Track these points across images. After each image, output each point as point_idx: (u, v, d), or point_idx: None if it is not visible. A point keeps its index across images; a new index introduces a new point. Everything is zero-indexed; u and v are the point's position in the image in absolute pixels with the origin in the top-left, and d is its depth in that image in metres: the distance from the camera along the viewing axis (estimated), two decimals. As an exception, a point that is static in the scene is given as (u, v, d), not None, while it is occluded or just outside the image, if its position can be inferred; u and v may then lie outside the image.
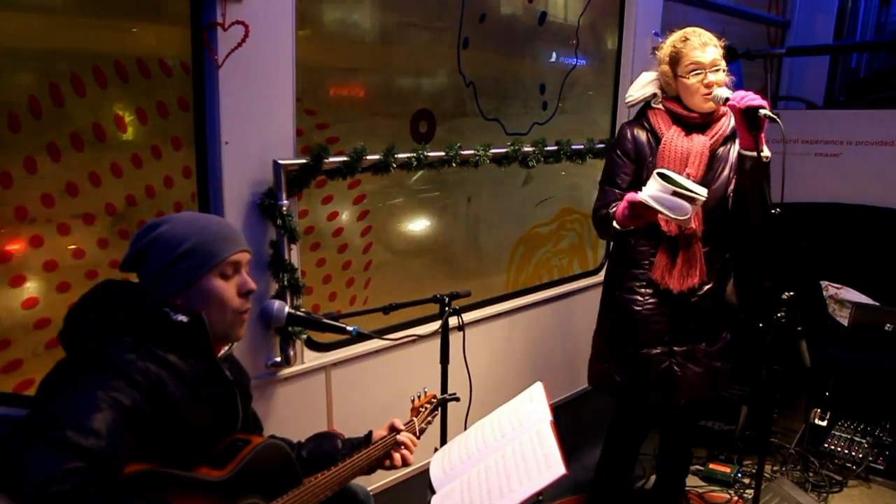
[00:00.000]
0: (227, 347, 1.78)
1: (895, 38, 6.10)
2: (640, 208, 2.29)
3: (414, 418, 2.19)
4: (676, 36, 2.51)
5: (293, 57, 2.22)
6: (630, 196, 2.32)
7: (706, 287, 2.58)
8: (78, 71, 1.92)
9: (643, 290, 2.60)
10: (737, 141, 2.53)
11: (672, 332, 2.61)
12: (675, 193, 2.19)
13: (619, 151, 2.60)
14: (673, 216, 2.22)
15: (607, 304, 2.77)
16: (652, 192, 2.23)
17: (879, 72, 5.17)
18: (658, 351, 2.61)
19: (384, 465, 2.04)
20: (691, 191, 2.21)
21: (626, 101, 2.68)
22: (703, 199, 2.24)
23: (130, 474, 1.38)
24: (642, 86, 2.63)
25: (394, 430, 2.07)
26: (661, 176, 2.22)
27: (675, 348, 2.62)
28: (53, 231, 1.96)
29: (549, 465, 1.62)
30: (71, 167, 1.96)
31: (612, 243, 2.82)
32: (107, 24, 2.03)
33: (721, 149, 2.54)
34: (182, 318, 1.58)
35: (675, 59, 2.48)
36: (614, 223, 2.44)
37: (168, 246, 1.59)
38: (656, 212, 2.24)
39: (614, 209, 2.45)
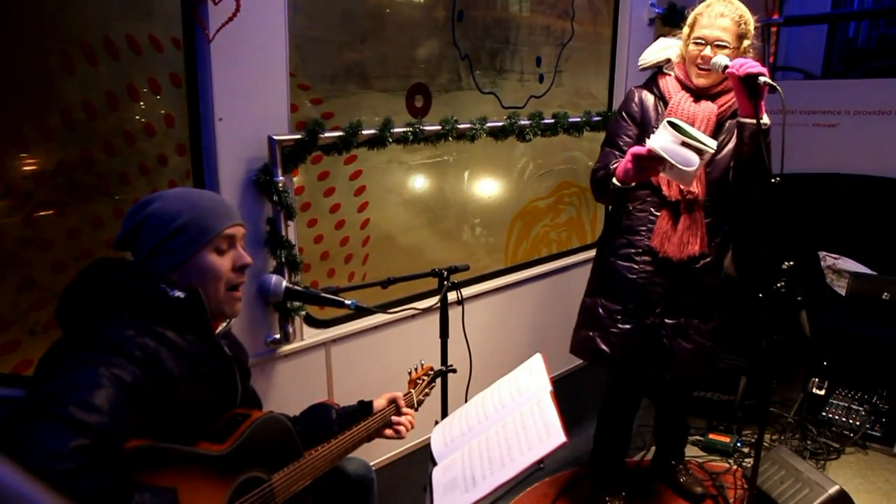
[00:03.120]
0: (224, 324, 1.78)
1: (893, 5, 6.05)
2: (644, 160, 2.20)
3: (412, 390, 2.20)
4: (704, 2, 2.48)
5: (286, 31, 2.20)
6: (635, 149, 2.24)
7: (704, 261, 2.55)
8: (67, 48, 1.89)
9: (639, 258, 2.56)
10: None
11: (665, 304, 2.57)
12: (683, 143, 2.11)
13: (624, 113, 2.58)
14: (680, 167, 2.12)
15: (600, 270, 2.72)
16: (661, 140, 2.13)
17: (878, 40, 5.13)
18: (648, 322, 2.57)
19: (384, 435, 2.06)
20: (701, 141, 2.12)
21: (639, 64, 2.66)
22: (712, 151, 2.15)
23: (131, 449, 1.38)
24: (657, 50, 2.62)
25: (393, 402, 2.09)
26: (671, 125, 2.12)
27: (667, 321, 2.58)
28: (47, 211, 1.94)
29: (550, 434, 1.63)
30: (63, 146, 1.94)
31: (608, 209, 2.77)
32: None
33: (729, 121, 2.51)
34: (179, 294, 1.57)
35: (692, 25, 2.47)
36: (614, 180, 2.36)
37: (161, 222, 1.59)
38: (661, 163, 2.16)
39: (615, 165, 2.39)
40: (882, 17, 5.85)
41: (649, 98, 2.56)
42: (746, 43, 2.43)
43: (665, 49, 2.60)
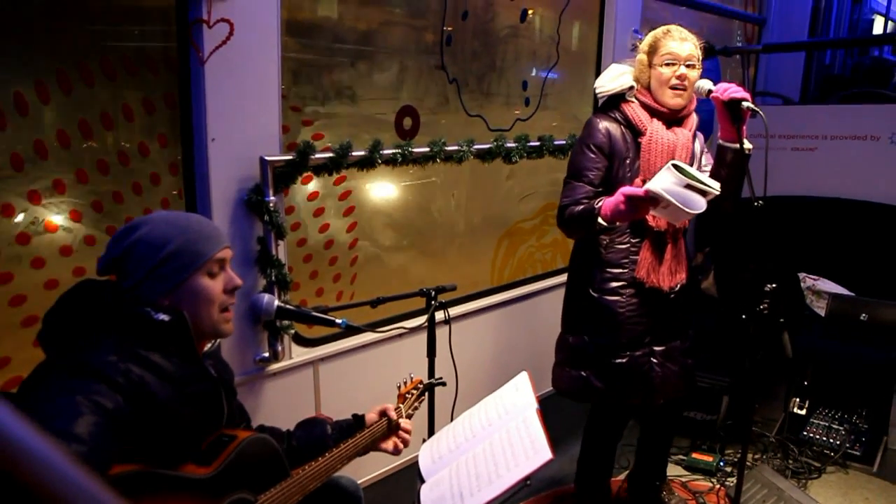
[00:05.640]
0: (210, 344, 1.79)
1: (867, 35, 6.23)
2: (641, 202, 2.12)
3: (401, 404, 2.21)
4: (659, 28, 2.47)
5: (279, 54, 2.24)
6: (628, 190, 2.16)
7: (682, 284, 2.59)
8: (64, 68, 1.92)
9: (625, 291, 2.51)
10: (700, 135, 2.57)
11: (652, 333, 2.56)
12: (688, 186, 2.07)
13: (592, 145, 2.45)
14: (686, 210, 2.09)
15: (581, 306, 2.61)
16: (665, 184, 2.07)
17: (853, 68, 5.28)
18: (640, 353, 2.55)
19: (379, 448, 2.07)
20: (705, 184, 2.09)
21: (598, 92, 2.56)
22: (717, 193, 2.12)
23: (116, 475, 1.36)
24: (617, 76, 2.52)
25: (384, 415, 2.09)
26: (675, 167, 2.09)
27: (655, 348, 2.58)
28: (41, 228, 1.96)
29: (536, 451, 1.65)
30: (58, 164, 1.96)
31: (577, 242, 2.68)
32: (92, 20, 2.03)
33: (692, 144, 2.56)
34: (164, 317, 1.56)
35: (652, 49, 2.44)
36: (600, 219, 2.26)
37: (152, 248, 1.58)
38: (655, 203, 2.12)
39: (599, 204, 2.28)
40: (856, 46, 6.03)
41: (615, 127, 2.48)
42: (700, 66, 2.45)
43: (621, 75, 2.52)
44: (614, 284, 2.52)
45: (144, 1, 2.13)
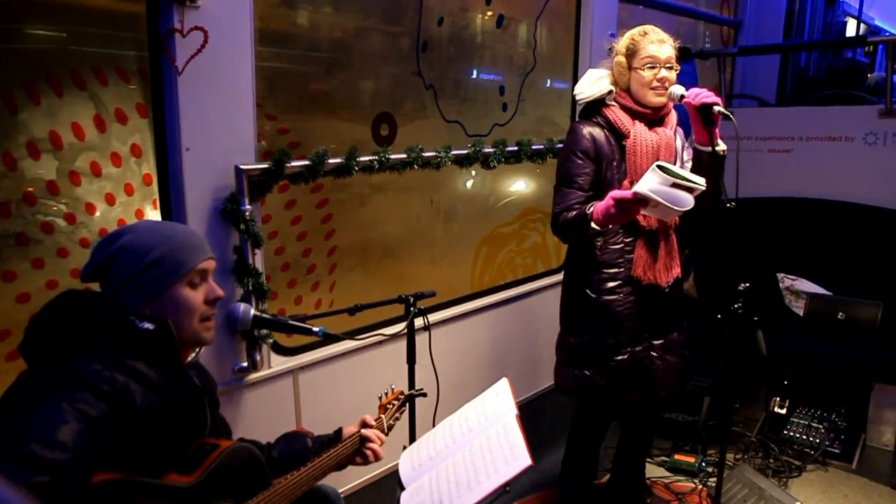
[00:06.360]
0: (194, 353, 1.78)
1: (840, 37, 6.32)
2: (630, 204, 2.18)
3: (382, 415, 2.21)
4: (636, 30, 2.51)
5: (253, 62, 2.23)
6: (616, 193, 2.22)
7: (676, 278, 2.63)
8: (32, 78, 1.90)
9: (622, 290, 2.55)
10: (680, 130, 2.61)
11: (650, 328, 2.61)
12: (674, 185, 2.11)
13: (578, 151, 2.50)
14: (675, 208, 2.13)
15: (580, 307, 2.64)
16: (652, 185, 2.12)
17: (827, 70, 5.35)
18: (640, 348, 2.59)
19: (355, 462, 2.06)
20: (691, 181, 2.13)
21: (578, 98, 2.61)
22: (703, 188, 2.16)
23: (98, 483, 1.36)
24: (595, 81, 2.57)
25: (365, 426, 2.09)
26: (660, 168, 2.12)
27: (654, 342, 2.62)
28: (11, 241, 1.93)
29: (516, 457, 1.66)
30: (28, 176, 1.94)
31: (572, 245, 2.73)
32: (62, 30, 2.01)
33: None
34: (148, 325, 1.56)
35: (631, 51, 2.48)
36: (593, 224, 2.31)
37: (134, 256, 1.58)
38: (645, 204, 2.16)
39: (591, 209, 2.32)
40: (830, 48, 6.11)
41: (598, 132, 2.53)
42: (677, 66, 2.49)
43: (599, 80, 2.57)
44: (611, 284, 2.57)
45: (116, 9, 2.11)
